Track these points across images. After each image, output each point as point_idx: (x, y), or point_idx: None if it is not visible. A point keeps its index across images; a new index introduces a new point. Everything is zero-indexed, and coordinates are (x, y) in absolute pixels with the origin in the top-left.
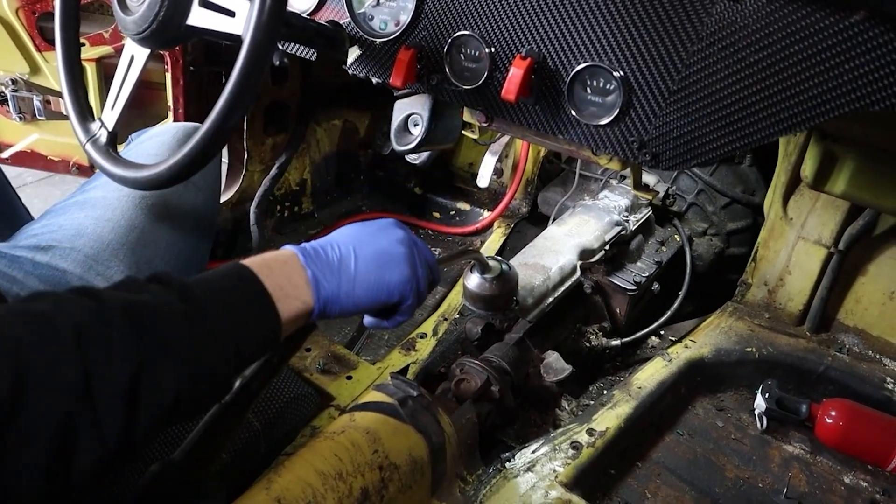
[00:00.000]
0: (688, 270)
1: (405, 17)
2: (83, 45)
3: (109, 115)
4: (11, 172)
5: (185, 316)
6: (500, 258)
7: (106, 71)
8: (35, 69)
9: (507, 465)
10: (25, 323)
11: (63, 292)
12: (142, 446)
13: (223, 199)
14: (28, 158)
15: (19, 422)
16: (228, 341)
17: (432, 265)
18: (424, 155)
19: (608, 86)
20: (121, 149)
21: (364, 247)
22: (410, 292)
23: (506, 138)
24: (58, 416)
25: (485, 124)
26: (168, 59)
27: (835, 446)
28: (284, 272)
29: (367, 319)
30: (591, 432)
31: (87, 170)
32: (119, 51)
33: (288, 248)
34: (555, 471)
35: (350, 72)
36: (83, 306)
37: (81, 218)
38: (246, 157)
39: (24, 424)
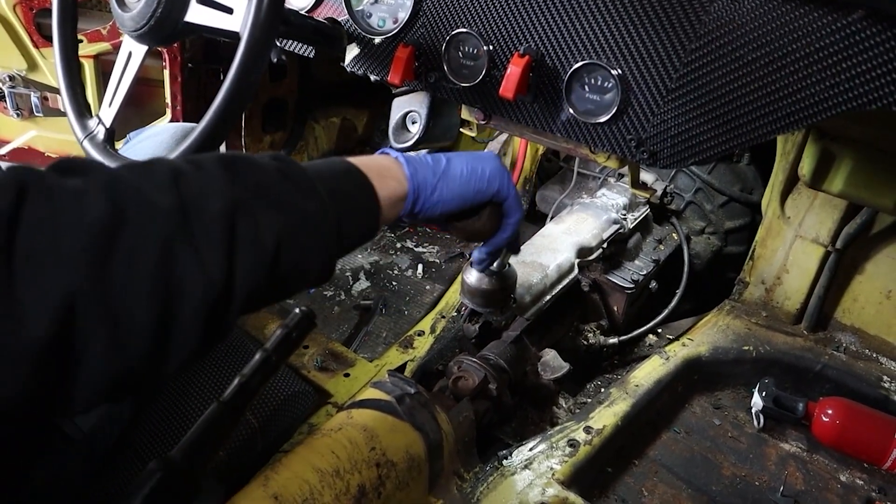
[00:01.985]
0: (685, 269)
1: (403, 15)
2: (81, 41)
3: (107, 112)
4: None
5: (279, 172)
6: None
7: (104, 67)
8: (32, 65)
9: (505, 462)
10: (126, 167)
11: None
12: (244, 303)
13: None
14: (25, 155)
15: (121, 244)
16: (329, 201)
17: None
18: (423, 152)
19: (606, 84)
20: (119, 147)
21: (454, 154)
22: (507, 184)
23: (504, 136)
24: (157, 239)
25: (483, 122)
26: (166, 55)
27: (831, 444)
28: (375, 161)
29: (478, 253)
30: (588, 430)
31: None
32: (117, 47)
33: (381, 154)
34: (552, 468)
35: (348, 69)
36: (183, 160)
37: None
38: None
39: (126, 246)
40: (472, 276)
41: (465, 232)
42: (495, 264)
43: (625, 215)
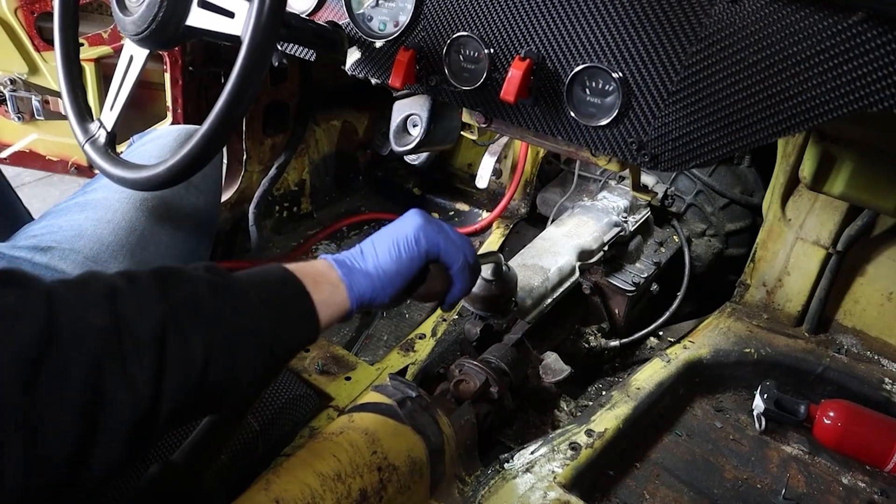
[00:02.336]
0: (686, 271)
1: (404, 18)
2: (82, 45)
3: (108, 116)
4: (10, 172)
5: (209, 282)
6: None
7: (105, 71)
8: (34, 69)
9: (506, 465)
10: (63, 283)
11: (102, 271)
12: (168, 424)
13: (222, 199)
14: (26, 158)
15: (51, 362)
16: (260, 312)
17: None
18: (423, 155)
19: (607, 87)
20: (123, 150)
21: (380, 233)
22: (437, 236)
23: (505, 139)
24: (89, 358)
25: (484, 125)
26: (167, 59)
27: (833, 447)
28: (310, 265)
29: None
30: (589, 433)
31: (86, 170)
32: (118, 51)
33: (319, 258)
34: (553, 472)
35: (349, 72)
36: (119, 276)
37: (81, 219)
38: (245, 157)
39: (56, 365)
40: None
41: (422, 298)
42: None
43: (626, 218)
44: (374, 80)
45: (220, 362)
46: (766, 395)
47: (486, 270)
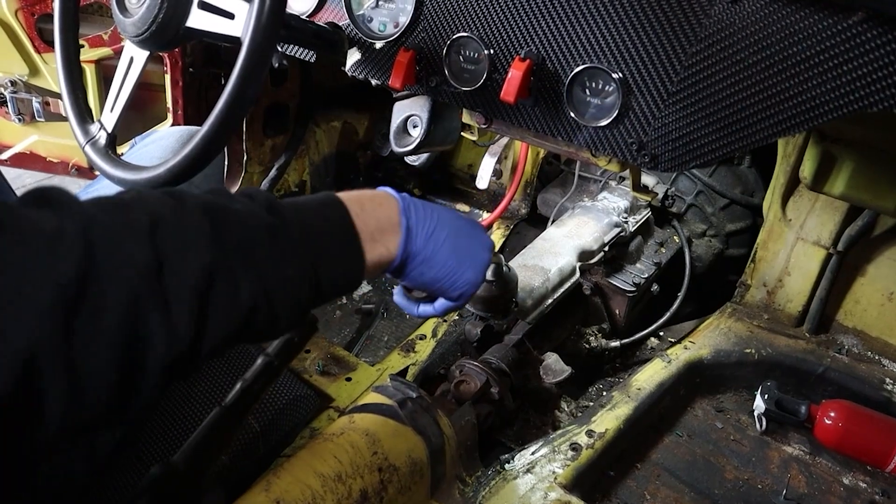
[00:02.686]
0: (687, 272)
1: (404, 19)
2: (82, 46)
3: (109, 117)
4: (10, 174)
5: (268, 228)
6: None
7: (105, 72)
8: (34, 71)
9: (507, 466)
10: (102, 207)
11: (148, 190)
12: (210, 356)
13: None
14: (27, 160)
15: (89, 298)
16: (309, 267)
17: None
18: (423, 156)
19: (607, 87)
20: (125, 151)
21: (456, 231)
22: (468, 296)
23: (505, 140)
24: (127, 296)
25: (484, 126)
26: (167, 60)
27: (834, 447)
28: (376, 215)
29: (399, 298)
30: (590, 434)
31: (87, 171)
32: (118, 52)
33: (387, 191)
34: (554, 472)
35: (349, 73)
36: (164, 201)
37: None
38: (245, 158)
39: (94, 301)
40: None
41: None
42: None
43: (626, 218)
44: (374, 81)
45: (265, 310)
46: (766, 396)
47: (487, 271)
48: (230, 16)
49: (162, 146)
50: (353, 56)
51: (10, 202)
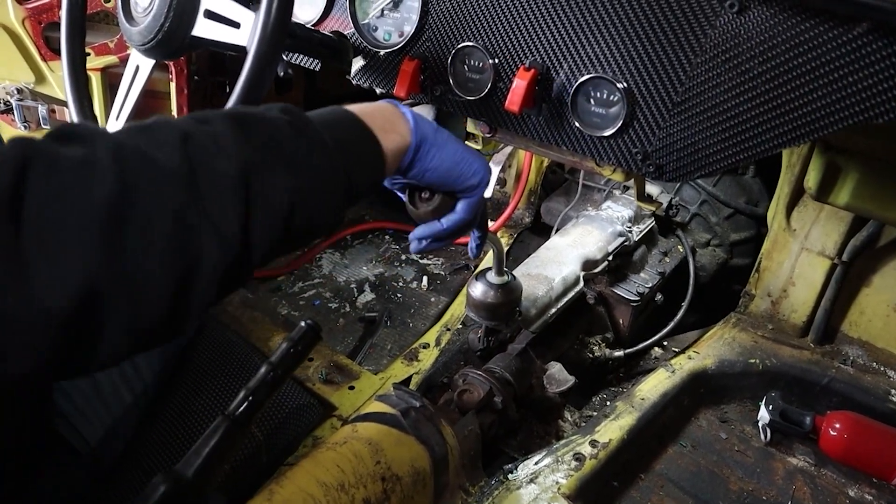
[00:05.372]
0: (691, 281)
1: (409, 29)
2: (88, 54)
3: (114, 126)
4: None
5: (291, 126)
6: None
7: (111, 80)
8: (40, 78)
9: (510, 476)
10: (129, 132)
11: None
12: (262, 260)
13: None
14: None
15: (133, 214)
16: (336, 159)
17: None
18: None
19: (612, 97)
20: None
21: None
22: (486, 181)
23: (509, 148)
24: (170, 206)
25: (488, 135)
26: (173, 68)
27: (839, 459)
28: (380, 112)
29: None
30: (593, 444)
31: None
32: (124, 60)
33: (383, 101)
34: (557, 482)
35: (354, 82)
36: (188, 120)
37: None
38: None
39: (139, 217)
40: (478, 290)
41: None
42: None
43: (630, 228)
44: (378, 90)
45: (305, 205)
46: (771, 407)
47: (480, 281)
48: (236, 25)
49: None
50: (358, 65)
51: (35, 139)
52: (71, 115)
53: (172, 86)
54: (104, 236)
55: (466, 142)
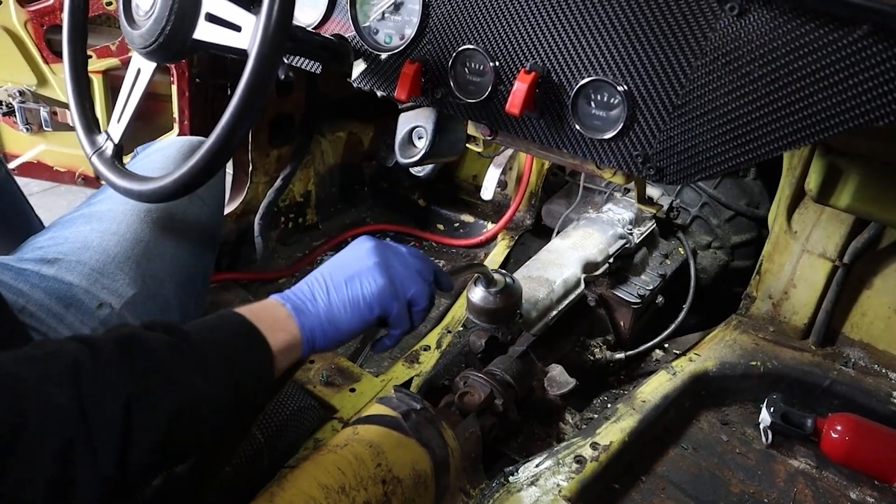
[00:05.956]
0: (692, 283)
1: (410, 31)
2: (90, 57)
3: (115, 128)
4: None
5: (171, 346)
6: (504, 271)
7: (112, 83)
8: (42, 81)
9: (511, 478)
10: (25, 363)
11: (62, 339)
12: (137, 482)
13: (227, 210)
14: (34, 169)
15: (19, 450)
16: (221, 369)
17: (436, 270)
18: (428, 167)
19: (612, 100)
20: (127, 161)
21: (335, 271)
22: (392, 301)
23: (510, 151)
24: (56, 443)
25: (489, 137)
26: (174, 71)
27: (841, 461)
28: (267, 311)
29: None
30: (594, 446)
31: (93, 181)
32: (126, 63)
33: (269, 298)
34: (558, 485)
35: (355, 85)
36: (80, 349)
37: (87, 231)
38: (251, 168)
39: (24, 453)
40: (477, 295)
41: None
42: None
43: (631, 230)
44: (379, 93)
45: (185, 424)
46: (772, 409)
47: (480, 285)
48: (237, 28)
49: (164, 156)
50: (359, 67)
51: None
52: (72, 117)
53: (174, 89)
54: None
55: (467, 144)
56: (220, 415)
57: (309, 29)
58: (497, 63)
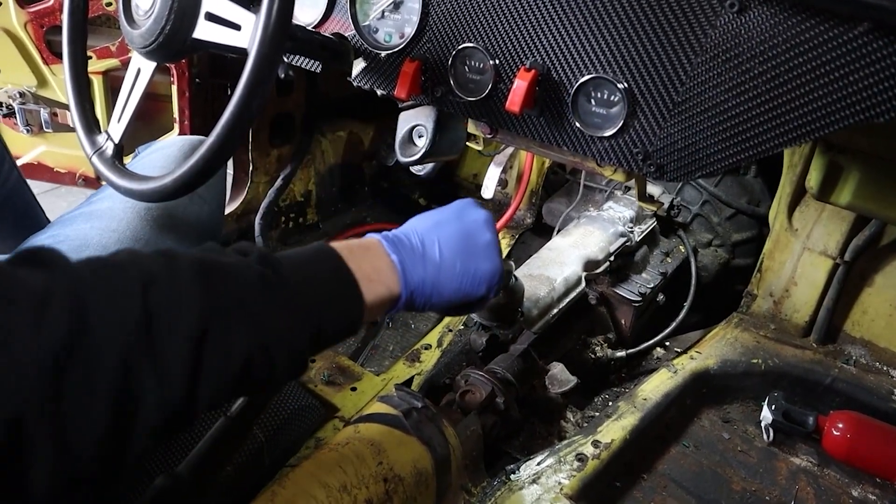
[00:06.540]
0: (693, 281)
1: (410, 30)
2: (90, 57)
3: (116, 128)
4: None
5: (261, 278)
6: None
7: (112, 83)
8: (42, 82)
9: (512, 477)
10: (93, 268)
11: (140, 251)
12: (206, 409)
13: (228, 210)
14: (35, 170)
15: (80, 359)
16: (307, 314)
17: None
18: (429, 166)
19: (612, 97)
20: (128, 161)
21: (448, 235)
22: (495, 286)
23: (510, 149)
24: (119, 356)
25: (489, 136)
26: (174, 71)
27: (842, 459)
28: (368, 258)
29: None
30: (596, 444)
31: (94, 181)
32: (126, 63)
33: (371, 236)
34: (560, 483)
35: (355, 84)
36: (156, 261)
37: (87, 229)
38: (251, 168)
39: (85, 363)
40: None
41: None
42: None
43: (632, 228)
44: (379, 92)
45: (261, 362)
46: (774, 407)
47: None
48: (237, 27)
49: (165, 155)
50: (359, 66)
51: (1, 262)
52: (73, 117)
53: (174, 88)
54: (43, 377)
55: (467, 143)
56: (297, 358)
57: (309, 28)
58: (497, 61)
